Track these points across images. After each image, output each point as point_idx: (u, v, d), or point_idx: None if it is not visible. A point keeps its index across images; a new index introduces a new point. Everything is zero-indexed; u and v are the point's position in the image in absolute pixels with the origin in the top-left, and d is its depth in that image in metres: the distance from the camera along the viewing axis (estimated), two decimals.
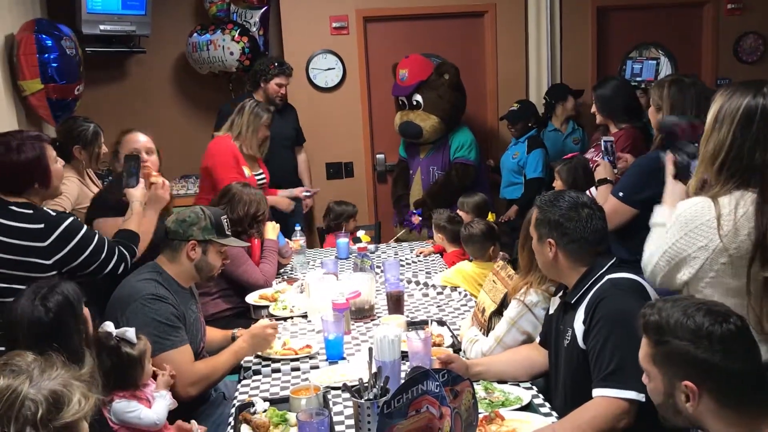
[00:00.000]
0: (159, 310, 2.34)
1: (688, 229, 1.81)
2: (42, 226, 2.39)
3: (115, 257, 2.58)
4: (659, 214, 2.05)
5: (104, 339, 2.08)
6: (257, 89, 4.76)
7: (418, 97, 4.88)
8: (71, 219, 2.48)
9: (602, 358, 1.91)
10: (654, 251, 1.96)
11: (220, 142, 4.12)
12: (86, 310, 2.00)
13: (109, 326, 2.11)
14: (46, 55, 3.99)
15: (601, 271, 2.04)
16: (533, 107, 5.19)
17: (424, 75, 4.89)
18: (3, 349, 1.89)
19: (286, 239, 3.90)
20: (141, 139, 3.13)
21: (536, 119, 5.13)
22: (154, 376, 2.19)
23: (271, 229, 3.66)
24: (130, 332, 2.09)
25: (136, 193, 2.87)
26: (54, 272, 2.42)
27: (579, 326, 2.02)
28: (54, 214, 2.47)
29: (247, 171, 4.07)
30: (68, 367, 1.43)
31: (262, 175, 4.30)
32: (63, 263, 2.44)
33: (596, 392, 1.90)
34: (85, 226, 2.52)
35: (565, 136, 5.29)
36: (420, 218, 4.81)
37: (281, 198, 4.36)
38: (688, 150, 2.16)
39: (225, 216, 2.63)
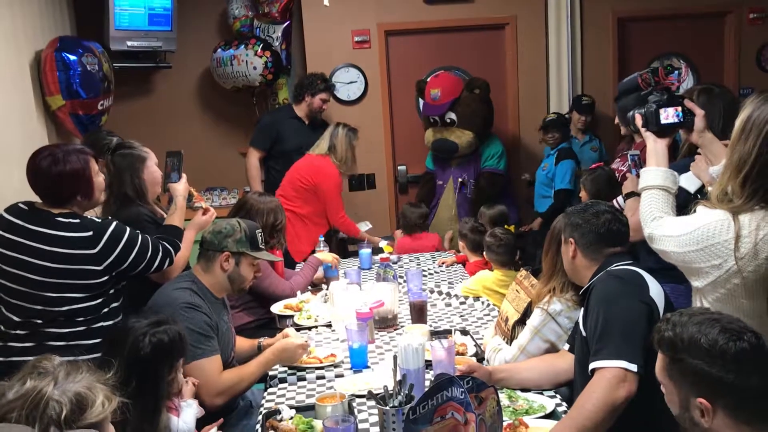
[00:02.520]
0: (193, 318, 2.38)
1: (704, 245, 1.78)
2: (90, 233, 2.44)
3: (160, 254, 2.63)
4: (648, 178, 2.06)
5: None
6: (300, 102, 4.91)
7: (452, 115, 4.91)
8: (115, 223, 2.53)
9: (594, 338, 1.97)
10: (647, 215, 1.99)
11: (330, 167, 4.46)
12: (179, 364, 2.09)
13: None
14: (70, 71, 4.08)
15: (608, 268, 2.11)
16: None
17: (456, 93, 4.93)
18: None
19: (342, 276, 3.76)
20: None
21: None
22: None
23: (326, 255, 3.78)
24: None
25: (179, 188, 2.96)
26: (106, 277, 2.48)
27: (581, 315, 2.12)
28: (99, 220, 2.52)
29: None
30: (93, 371, 1.48)
31: None
32: (113, 267, 2.49)
33: (590, 367, 1.95)
34: (128, 229, 2.56)
35: (581, 144, 5.32)
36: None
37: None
38: (651, 98, 2.19)
39: (260, 230, 2.67)
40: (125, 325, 2.05)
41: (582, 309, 2.16)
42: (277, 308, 3.30)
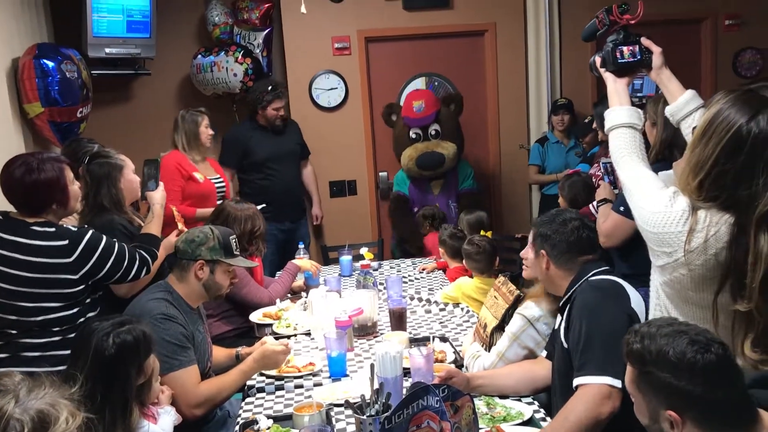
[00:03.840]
0: (169, 329, 2.36)
1: (659, 230, 1.76)
2: (66, 242, 2.43)
3: (137, 263, 2.63)
4: (612, 117, 2.03)
5: None
6: (256, 115, 4.92)
7: (437, 127, 4.93)
8: (91, 232, 2.52)
9: (577, 351, 1.97)
10: (616, 155, 1.96)
11: (165, 158, 4.23)
12: (152, 360, 2.05)
13: None
14: (49, 78, 4.04)
15: (586, 276, 2.12)
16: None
17: (438, 105, 4.98)
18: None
19: (322, 283, 3.67)
20: None
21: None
22: None
23: (305, 262, 3.76)
24: None
25: (156, 196, 2.96)
26: (81, 286, 2.46)
27: (561, 326, 2.11)
28: (75, 229, 2.51)
29: (199, 176, 4.25)
30: (57, 386, 1.45)
31: (221, 180, 4.44)
32: (89, 276, 2.48)
33: (575, 383, 1.95)
34: (105, 237, 2.55)
35: (567, 149, 5.33)
36: None
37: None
38: (609, 39, 2.19)
39: (234, 236, 2.66)
40: (88, 327, 2.02)
41: (561, 318, 2.16)
42: (255, 317, 3.29)
